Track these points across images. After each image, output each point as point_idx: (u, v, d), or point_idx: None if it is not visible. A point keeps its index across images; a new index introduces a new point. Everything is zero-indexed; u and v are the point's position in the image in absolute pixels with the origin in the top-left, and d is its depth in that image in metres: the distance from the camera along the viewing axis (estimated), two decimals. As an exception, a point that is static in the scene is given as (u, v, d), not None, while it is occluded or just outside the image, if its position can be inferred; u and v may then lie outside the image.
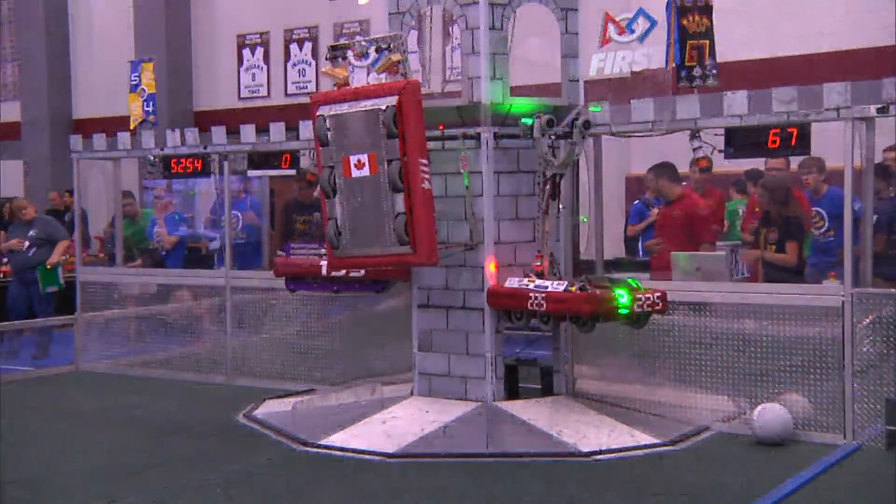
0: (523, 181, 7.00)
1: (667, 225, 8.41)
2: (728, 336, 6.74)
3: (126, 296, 9.83)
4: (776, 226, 7.83)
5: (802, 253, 7.87)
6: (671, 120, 6.86)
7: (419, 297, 7.15)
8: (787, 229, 7.78)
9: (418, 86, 6.27)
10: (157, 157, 9.27)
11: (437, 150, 6.82)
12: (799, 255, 7.76)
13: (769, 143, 6.55)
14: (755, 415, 6.41)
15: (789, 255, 7.69)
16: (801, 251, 7.82)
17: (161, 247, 11.40)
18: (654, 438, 6.39)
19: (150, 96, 9.58)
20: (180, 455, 6.46)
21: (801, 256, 7.79)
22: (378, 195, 6.23)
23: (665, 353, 6.92)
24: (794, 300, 6.50)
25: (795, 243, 7.72)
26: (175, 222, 11.58)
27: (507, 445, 6.33)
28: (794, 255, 7.69)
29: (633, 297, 6.26)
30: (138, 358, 9.58)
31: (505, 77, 6.81)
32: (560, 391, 7.21)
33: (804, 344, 6.44)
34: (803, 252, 7.89)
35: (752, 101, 6.58)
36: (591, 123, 6.62)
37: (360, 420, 6.78)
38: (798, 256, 7.74)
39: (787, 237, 7.74)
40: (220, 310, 8.92)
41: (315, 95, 6.73)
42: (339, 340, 8.35)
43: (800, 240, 7.78)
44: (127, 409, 7.93)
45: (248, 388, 8.51)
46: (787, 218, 7.83)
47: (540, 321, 6.62)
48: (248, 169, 8.96)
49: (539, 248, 6.73)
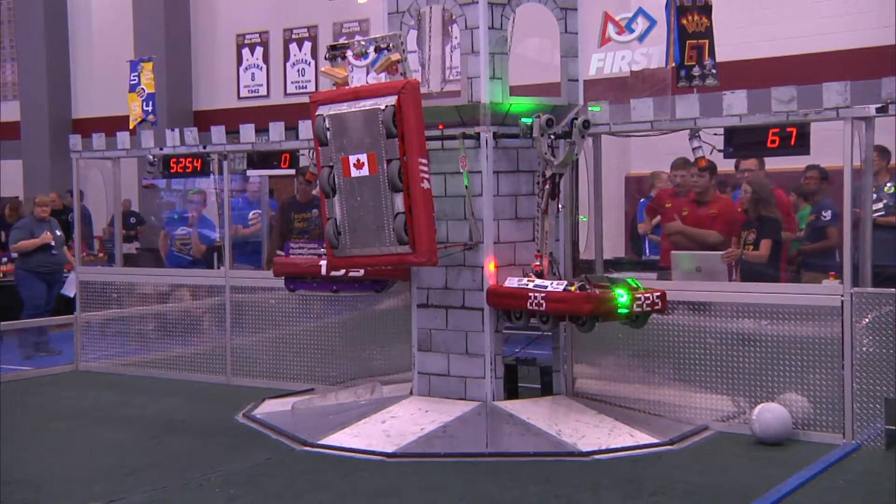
0: (523, 181, 7.00)
1: (698, 224, 8.10)
2: (728, 335, 6.74)
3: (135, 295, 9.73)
4: (755, 226, 7.81)
5: (786, 253, 7.85)
6: (670, 119, 6.87)
7: (419, 297, 7.15)
8: (763, 228, 7.76)
9: (417, 85, 6.26)
10: (157, 157, 9.27)
11: (436, 150, 6.82)
12: (776, 253, 7.72)
13: (769, 143, 6.55)
14: (754, 414, 6.41)
15: (761, 251, 7.67)
16: (780, 251, 7.79)
17: (186, 251, 11.08)
18: (654, 438, 6.39)
19: (150, 96, 9.58)
20: (180, 455, 6.46)
21: (777, 255, 7.75)
22: (377, 195, 6.23)
23: (665, 353, 6.92)
24: (793, 300, 6.50)
25: (769, 241, 7.70)
26: (209, 226, 11.04)
27: (507, 445, 6.33)
28: (766, 251, 7.66)
29: (633, 296, 6.27)
30: (138, 357, 9.58)
31: (504, 77, 6.81)
32: (559, 391, 7.22)
33: (804, 343, 6.44)
34: (787, 251, 7.87)
35: (752, 100, 6.58)
36: (590, 123, 6.62)
37: (359, 420, 6.78)
38: (774, 254, 7.69)
39: (763, 236, 7.72)
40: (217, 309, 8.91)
41: (314, 95, 6.72)
42: (339, 340, 8.35)
43: (775, 238, 7.75)
44: (126, 409, 7.93)
45: (248, 387, 8.51)
46: (763, 217, 7.80)
47: (539, 321, 6.62)
48: (247, 168, 8.97)
49: (538, 247, 6.72)
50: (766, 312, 6.56)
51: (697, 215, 8.10)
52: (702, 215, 8.07)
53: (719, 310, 6.80)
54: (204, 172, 9.22)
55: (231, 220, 9.20)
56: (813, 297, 6.48)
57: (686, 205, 8.32)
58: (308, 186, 9.41)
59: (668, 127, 6.91)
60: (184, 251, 10.97)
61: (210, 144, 8.96)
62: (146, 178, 9.96)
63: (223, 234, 9.23)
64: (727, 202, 8.31)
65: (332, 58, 6.84)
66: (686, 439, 6.46)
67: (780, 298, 6.55)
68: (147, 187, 10.81)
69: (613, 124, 7.08)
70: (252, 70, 17.69)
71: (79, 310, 9.90)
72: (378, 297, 7.89)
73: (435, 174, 6.68)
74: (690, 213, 8.18)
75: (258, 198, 10.91)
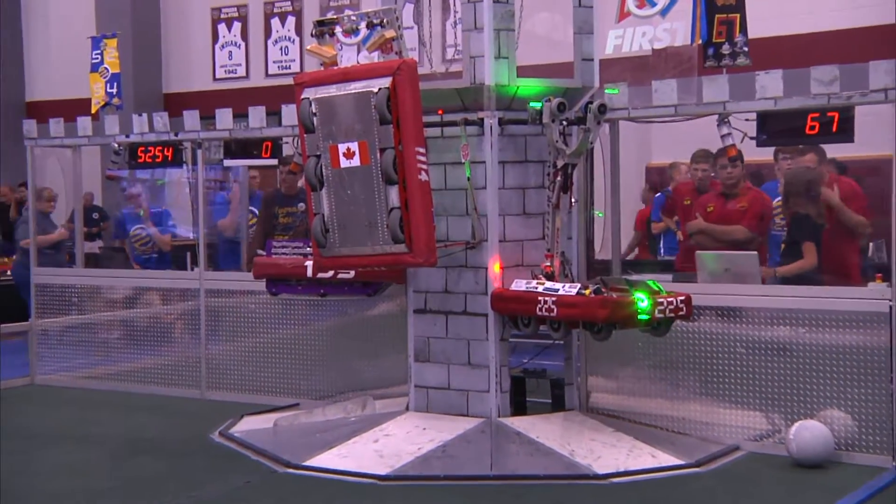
0: (531, 172, 7.01)
1: (725, 220, 8.08)
2: (761, 344, 6.76)
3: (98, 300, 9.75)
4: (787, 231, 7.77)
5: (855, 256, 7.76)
6: (697, 103, 6.88)
7: (416, 302, 7.16)
8: (796, 230, 7.68)
9: (414, 66, 6.28)
10: (122, 145, 9.28)
11: (435, 138, 6.84)
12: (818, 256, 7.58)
13: (807, 129, 6.56)
14: (791, 433, 6.42)
15: (806, 259, 7.52)
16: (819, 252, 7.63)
17: (149, 250, 11.09)
18: (678, 459, 6.41)
19: (114, 76, 9.60)
20: (148, 478, 6.47)
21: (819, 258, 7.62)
22: (370, 188, 6.25)
23: (690, 364, 6.94)
24: (835, 304, 6.51)
25: (811, 244, 7.57)
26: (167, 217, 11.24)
27: (514, 467, 6.35)
28: (812, 255, 7.51)
29: (654, 301, 6.28)
30: (101, 369, 9.59)
31: (511, 56, 6.82)
32: (572, 406, 7.24)
33: (847, 353, 6.45)
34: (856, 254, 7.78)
35: (788, 81, 6.58)
36: (606, 107, 6.64)
37: (349, 438, 6.80)
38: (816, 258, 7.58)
39: (799, 238, 7.61)
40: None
41: (299, 76, 6.74)
42: (326, 350, 8.36)
43: (813, 239, 7.60)
44: (88, 427, 7.95)
45: (225, 402, 8.53)
46: (795, 217, 7.73)
47: (550, 328, 6.64)
48: (224, 158, 8.98)
49: (549, 246, 6.74)
50: (804, 318, 6.57)
51: (725, 210, 8.10)
52: (730, 210, 8.07)
53: (751, 316, 6.82)
54: (175, 162, 9.23)
55: (212, 217, 9.22)
56: (857, 301, 6.48)
57: (712, 199, 8.32)
58: (293, 177, 9.42)
59: (694, 112, 6.92)
60: (146, 251, 11.00)
61: (182, 131, 8.98)
62: (110, 169, 9.92)
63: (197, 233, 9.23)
64: (757, 194, 8.29)
65: (319, 34, 6.85)
66: (714, 461, 6.47)
67: (819, 303, 6.56)
68: (111, 179, 10.78)
69: (633, 109, 7.09)
70: (229, 48, 17.70)
71: (34, 316, 9.90)
72: (370, 301, 7.91)
73: (433, 165, 6.70)
74: (717, 208, 8.17)
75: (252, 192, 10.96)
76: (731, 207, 8.07)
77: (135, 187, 11.82)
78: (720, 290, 6.99)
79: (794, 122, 6.60)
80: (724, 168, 8.11)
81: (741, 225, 7.93)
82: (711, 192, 8.57)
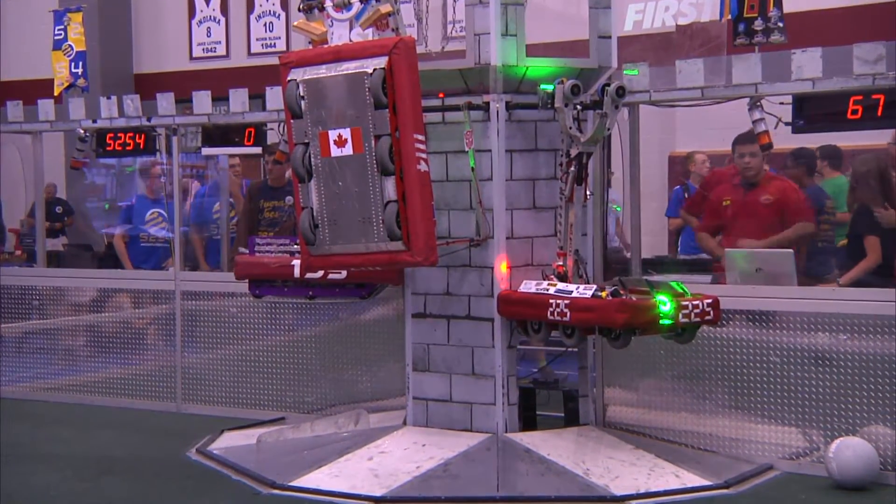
0: (542, 162, 7.03)
1: (751, 214, 8.12)
2: (797, 353, 6.77)
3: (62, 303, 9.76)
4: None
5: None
6: (726, 85, 6.90)
7: (414, 305, 7.18)
8: (856, 223, 7.73)
9: (413, 44, 6.29)
10: (88, 131, 9.30)
11: (436, 124, 6.85)
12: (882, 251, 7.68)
13: (849, 114, 6.56)
14: (831, 451, 6.43)
15: (870, 257, 7.60)
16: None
17: (164, 225, 10.97)
18: (705, 480, 6.42)
19: (79, 55, 9.60)
20: (117, 500, 6.48)
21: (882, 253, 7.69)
22: (363, 179, 6.26)
23: (718, 374, 6.95)
24: (879, 308, 6.52)
25: (874, 238, 7.65)
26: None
27: (523, 488, 6.36)
28: (876, 251, 7.60)
29: (678, 304, 6.29)
30: (65, 380, 9.60)
31: (520, 33, 6.84)
32: (587, 420, 7.26)
33: (892, 363, 6.46)
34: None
35: (828, 60, 6.60)
36: (625, 90, 6.64)
37: (340, 456, 6.82)
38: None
39: (861, 232, 7.67)
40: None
41: (285, 55, 6.76)
42: (315, 358, 8.39)
43: (875, 232, 7.67)
44: (51, 445, 7.96)
45: (203, 416, 8.55)
46: (857, 209, 7.77)
47: (563, 334, 6.65)
48: (202, 146, 8.99)
49: (561, 244, 6.76)
50: (845, 324, 6.59)
51: (745, 203, 8.09)
52: (751, 202, 8.07)
53: (786, 321, 6.83)
54: (148, 150, 9.25)
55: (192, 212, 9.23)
56: (903, 305, 6.51)
57: (729, 192, 8.31)
58: (279, 167, 9.43)
59: (722, 95, 6.94)
60: (156, 240, 10.93)
61: (156, 116, 9.00)
62: (75, 157, 9.94)
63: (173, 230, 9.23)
64: (784, 185, 8.25)
65: (307, 9, 6.87)
66: (745, 482, 6.48)
67: (862, 307, 6.57)
68: (75, 168, 10.77)
69: (654, 91, 7.11)
70: (208, 24, 17.72)
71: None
72: (364, 304, 7.93)
73: (434, 154, 6.71)
74: (734, 201, 8.17)
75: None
76: (751, 199, 8.03)
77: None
78: (751, 293, 7.00)
79: (835, 105, 6.60)
80: (742, 157, 8.09)
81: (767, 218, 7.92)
82: (727, 182, 8.54)
